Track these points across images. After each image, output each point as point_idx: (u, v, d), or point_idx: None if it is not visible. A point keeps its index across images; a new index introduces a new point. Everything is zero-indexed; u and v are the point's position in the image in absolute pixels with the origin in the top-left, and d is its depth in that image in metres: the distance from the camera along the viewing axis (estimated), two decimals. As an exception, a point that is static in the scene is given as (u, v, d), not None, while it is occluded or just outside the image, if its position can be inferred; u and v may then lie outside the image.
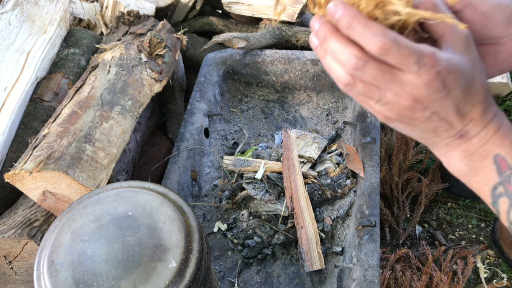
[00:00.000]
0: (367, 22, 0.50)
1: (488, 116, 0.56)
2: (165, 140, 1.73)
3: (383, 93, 0.53)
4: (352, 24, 0.50)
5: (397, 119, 0.56)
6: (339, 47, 0.52)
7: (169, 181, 1.32)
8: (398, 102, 0.53)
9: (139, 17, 1.56)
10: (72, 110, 1.20)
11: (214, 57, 1.70)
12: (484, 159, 0.57)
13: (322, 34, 0.54)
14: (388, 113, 0.55)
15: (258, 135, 1.63)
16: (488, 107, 0.56)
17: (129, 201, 0.84)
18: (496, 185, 0.57)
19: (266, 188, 1.30)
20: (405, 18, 0.52)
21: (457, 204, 1.64)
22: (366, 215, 1.19)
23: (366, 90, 0.54)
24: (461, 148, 0.57)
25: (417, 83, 0.51)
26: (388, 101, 0.54)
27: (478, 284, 1.43)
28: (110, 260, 0.76)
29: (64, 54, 1.54)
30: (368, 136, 1.36)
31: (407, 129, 0.58)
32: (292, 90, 1.73)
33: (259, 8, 1.80)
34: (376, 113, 0.57)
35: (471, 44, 0.55)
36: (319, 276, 1.22)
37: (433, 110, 0.54)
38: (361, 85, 0.53)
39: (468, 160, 0.58)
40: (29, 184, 1.07)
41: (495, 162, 0.56)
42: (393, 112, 0.55)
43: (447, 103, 0.53)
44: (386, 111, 0.55)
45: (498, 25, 0.61)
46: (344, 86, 0.55)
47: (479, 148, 0.56)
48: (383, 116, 0.57)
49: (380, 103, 0.55)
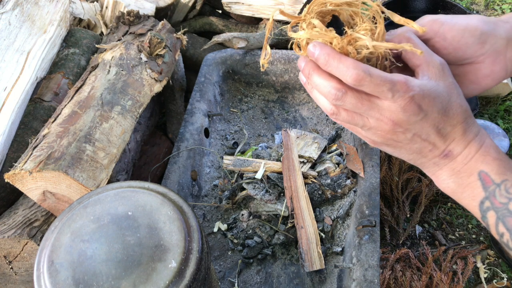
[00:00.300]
0: (340, 57, 0.56)
1: (470, 136, 0.60)
2: (165, 140, 1.73)
3: (365, 119, 0.58)
4: (328, 61, 0.56)
5: (383, 143, 0.61)
6: (321, 81, 0.58)
7: (169, 181, 1.32)
8: (380, 127, 0.58)
9: (139, 17, 1.56)
10: (72, 110, 1.20)
11: (214, 57, 1.70)
12: (469, 175, 0.60)
13: (307, 71, 0.60)
14: (373, 137, 0.60)
15: (258, 135, 1.63)
16: (469, 127, 0.60)
17: (129, 201, 0.84)
18: (483, 199, 0.60)
19: (266, 188, 1.30)
20: (373, 50, 0.57)
21: (457, 204, 1.64)
22: (366, 215, 1.19)
23: (350, 117, 0.59)
24: (448, 167, 0.61)
25: (393, 108, 0.56)
26: (371, 126, 0.58)
27: (478, 284, 1.43)
28: (110, 260, 0.76)
29: (64, 54, 1.54)
30: (368, 136, 1.36)
31: (395, 151, 0.62)
32: (292, 90, 1.73)
33: (259, 8, 1.80)
34: (365, 138, 0.62)
35: (445, 71, 0.60)
36: (319, 276, 1.22)
37: (414, 132, 0.58)
38: (345, 113, 0.59)
39: (455, 178, 0.61)
40: (29, 184, 1.07)
41: (479, 178, 0.59)
42: (378, 136, 0.60)
43: (425, 124, 0.57)
44: (372, 136, 0.60)
45: (470, 46, 0.65)
46: (330, 115, 0.61)
47: (464, 165, 0.60)
48: (371, 141, 0.62)
49: (364, 128, 0.60)
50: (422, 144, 0.59)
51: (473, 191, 0.60)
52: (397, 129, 0.57)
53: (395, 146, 0.60)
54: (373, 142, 0.62)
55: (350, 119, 0.59)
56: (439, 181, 0.63)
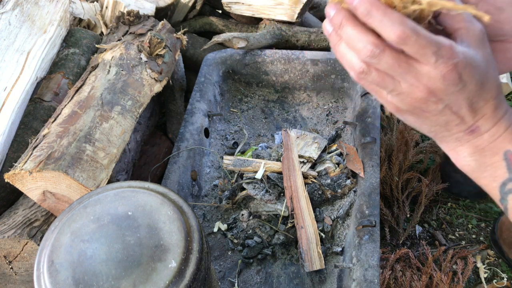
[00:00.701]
0: (386, 9, 0.49)
1: (500, 113, 0.56)
2: (165, 140, 1.73)
3: (397, 84, 0.52)
4: (371, 11, 0.49)
5: (408, 111, 0.55)
6: (355, 34, 0.51)
7: (169, 181, 1.32)
8: (412, 94, 0.52)
9: (139, 17, 1.56)
10: (72, 110, 1.20)
11: (214, 57, 1.70)
12: (494, 155, 0.56)
13: (338, 20, 0.53)
14: (400, 104, 0.55)
15: (258, 135, 1.63)
16: (500, 104, 0.56)
17: (129, 201, 0.84)
18: (505, 181, 0.57)
19: (266, 188, 1.30)
20: (425, 8, 0.51)
21: (457, 204, 1.64)
22: (366, 215, 1.19)
23: (380, 79, 0.53)
24: (471, 143, 0.57)
25: (433, 75, 0.50)
26: (402, 92, 0.53)
27: (478, 284, 1.43)
28: (110, 260, 0.76)
29: (64, 54, 1.54)
30: (368, 136, 1.36)
31: (418, 121, 0.57)
32: (292, 90, 1.73)
33: (259, 8, 1.80)
34: (387, 103, 0.56)
35: (485, 39, 0.55)
36: (319, 276, 1.22)
37: (446, 103, 0.53)
38: (375, 74, 0.53)
39: (478, 156, 0.57)
40: (29, 184, 1.07)
41: (505, 159, 0.56)
42: (405, 103, 0.54)
43: (461, 97, 0.53)
44: (398, 102, 0.55)
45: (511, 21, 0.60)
46: (357, 74, 0.54)
47: (489, 144, 0.56)
48: (394, 107, 0.56)
49: (393, 93, 0.54)
50: (450, 117, 0.55)
51: (496, 172, 0.57)
52: (431, 98, 0.52)
53: (420, 116, 0.55)
54: (397, 109, 0.56)
55: (380, 80, 0.53)
56: (459, 157, 0.59)
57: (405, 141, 1.65)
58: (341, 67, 1.64)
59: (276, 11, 1.77)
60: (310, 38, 1.77)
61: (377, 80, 0.53)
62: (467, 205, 1.64)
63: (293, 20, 1.76)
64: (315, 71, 1.67)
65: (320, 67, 1.66)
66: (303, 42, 1.78)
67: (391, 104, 0.56)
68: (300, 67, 1.67)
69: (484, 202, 1.64)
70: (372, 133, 1.37)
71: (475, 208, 1.63)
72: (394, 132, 1.70)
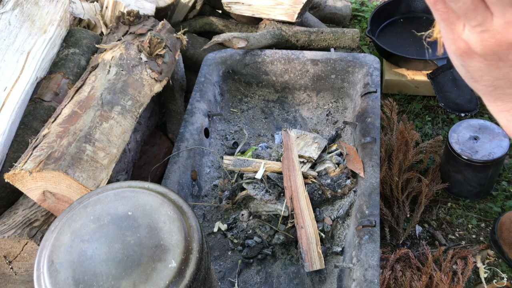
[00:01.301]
0: None
1: None
2: (165, 140, 1.73)
3: (489, 16, 0.42)
4: None
5: (482, 55, 0.45)
6: None
7: (169, 181, 1.32)
8: (504, 34, 0.42)
9: (139, 17, 1.56)
10: (72, 110, 1.20)
11: (214, 57, 1.70)
12: None
13: None
14: (478, 44, 0.44)
15: (258, 135, 1.63)
16: None
17: (129, 201, 0.84)
18: None
19: (266, 188, 1.30)
20: None
21: (457, 204, 1.64)
22: (366, 215, 1.19)
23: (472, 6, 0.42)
24: None
25: None
26: (490, 29, 0.42)
27: (478, 284, 1.43)
28: (110, 260, 0.76)
29: (64, 54, 1.54)
30: (368, 136, 1.36)
31: (484, 70, 0.47)
32: (292, 90, 1.73)
33: (259, 8, 1.80)
34: (458, 40, 0.45)
35: None
36: (319, 276, 1.22)
37: None
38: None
39: None
40: (29, 184, 1.07)
41: None
42: (487, 44, 0.43)
43: None
44: (477, 42, 0.44)
45: None
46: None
47: None
48: (464, 47, 0.45)
49: (477, 28, 0.43)
50: None
51: None
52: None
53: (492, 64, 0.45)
54: (466, 51, 0.46)
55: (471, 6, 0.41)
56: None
57: (405, 141, 1.65)
58: (341, 67, 1.64)
59: (276, 11, 1.77)
60: (310, 38, 1.77)
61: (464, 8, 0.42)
62: (467, 205, 1.64)
63: (293, 20, 1.76)
64: (315, 71, 1.67)
65: (320, 67, 1.66)
66: (303, 42, 1.78)
67: (461, 43, 0.45)
68: (300, 67, 1.67)
69: (484, 202, 1.64)
70: (372, 133, 1.37)
71: (475, 208, 1.63)
72: (394, 132, 1.70)
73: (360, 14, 2.48)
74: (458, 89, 1.79)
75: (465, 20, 0.43)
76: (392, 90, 1.99)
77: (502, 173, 1.71)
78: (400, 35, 2.09)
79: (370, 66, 1.59)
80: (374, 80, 1.54)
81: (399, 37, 2.07)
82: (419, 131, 1.87)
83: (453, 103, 1.77)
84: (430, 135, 1.86)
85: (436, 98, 1.91)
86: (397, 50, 1.90)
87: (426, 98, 1.98)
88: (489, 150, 1.48)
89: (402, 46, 1.99)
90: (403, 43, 2.02)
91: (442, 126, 1.89)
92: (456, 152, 1.50)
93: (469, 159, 1.48)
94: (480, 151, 1.48)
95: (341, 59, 1.64)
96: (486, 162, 1.47)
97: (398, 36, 2.09)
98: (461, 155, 1.49)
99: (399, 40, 2.05)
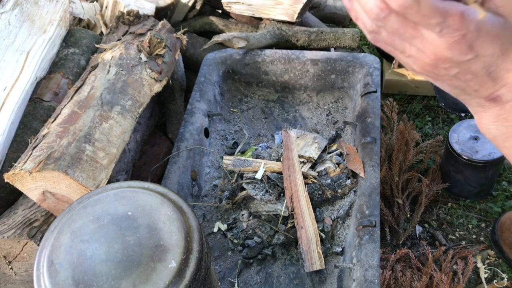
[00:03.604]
0: None
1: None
2: (165, 140, 1.73)
3: (406, 46, 0.52)
4: None
5: (423, 73, 0.55)
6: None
7: (169, 181, 1.31)
8: (421, 58, 0.52)
9: (139, 17, 1.56)
10: (71, 110, 1.19)
11: (214, 57, 1.70)
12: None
13: None
14: (413, 65, 0.54)
15: (258, 135, 1.63)
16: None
17: (129, 201, 0.84)
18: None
19: (266, 188, 1.30)
20: None
21: (457, 204, 1.64)
22: (366, 215, 1.19)
23: (390, 40, 0.53)
24: (493, 111, 0.55)
25: (439, 43, 0.49)
26: (412, 55, 0.52)
27: (479, 284, 1.43)
28: (110, 260, 0.76)
29: (64, 54, 1.54)
30: (368, 136, 1.36)
31: (437, 83, 0.56)
32: (292, 90, 1.73)
33: (259, 8, 1.80)
34: (404, 63, 0.56)
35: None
36: (319, 276, 1.22)
37: (458, 70, 0.51)
38: (385, 34, 0.52)
39: (499, 125, 0.55)
40: (29, 184, 1.07)
41: None
42: (417, 66, 0.53)
43: (474, 66, 0.50)
44: (412, 64, 0.54)
45: None
46: (369, 33, 0.54)
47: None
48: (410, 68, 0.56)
49: (404, 55, 0.53)
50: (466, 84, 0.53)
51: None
52: (440, 65, 0.51)
53: (436, 79, 0.55)
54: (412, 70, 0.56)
55: (390, 41, 0.53)
56: (481, 124, 0.57)
57: (405, 141, 1.64)
58: (341, 67, 1.64)
59: (276, 11, 1.77)
60: (310, 38, 1.77)
61: (387, 40, 0.53)
62: (467, 205, 1.64)
63: (293, 20, 1.76)
64: (315, 71, 1.67)
65: (320, 67, 1.66)
66: (303, 42, 1.78)
67: (406, 64, 0.55)
68: (300, 67, 1.67)
69: (484, 202, 1.64)
70: (372, 133, 1.37)
71: (475, 208, 1.63)
72: (394, 132, 1.70)
73: (360, 14, 2.48)
74: (458, 89, 1.79)
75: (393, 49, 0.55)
76: (392, 90, 1.99)
77: (502, 173, 1.71)
78: (400, 35, 2.09)
79: (370, 66, 1.59)
80: (374, 80, 1.54)
81: (399, 37, 2.07)
82: (419, 131, 1.87)
83: (453, 103, 1.77)
84: (430, 135, 1.86)
85: (436, 98, 1.91)
86: (397, 50, 1.90)
87: (426, 98, 1.98)
88: (489, 150, 1.48)
89: (402, 46, 1.98)
90: (403, 43, 2.02)
91: (442, 126, 1.89)
92: (456, 152, 1.50)
93: (469, 159, 1.48)
94: (480, 151, 1.48)
95: (341, 59, 1.64)
96: (486, 162, 1.47)
97: (398, 36, 2.08)
98: (461, 155, 1.49)
99: (399, 40, 2.04)
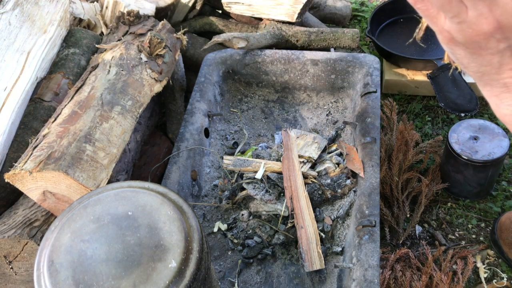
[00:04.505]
0: None
1: None
2: (165, 140, 1.73)
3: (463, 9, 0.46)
4: None
5: (463, 44, 0.49)
6: None
7: (169, 181, 1.32)
8: (478, 25, 0.46)
9: (139, 17, 1.56)
10: (72, 110, 1.20)
11: (214, 57, 1.70)
12: None
13: None
14: (457, 34, 0.48)
15: (258, 135, 1.63)
16: None
17: (129, 201, 0.84)
18: None
19: (266, 188, 1.30)
20: None
21: (457, 204, 1.64)
22: (366, 215, 1.19)
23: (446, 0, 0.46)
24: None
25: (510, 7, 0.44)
26: (466, 20, 0.46)
27: (478, 284, 1.43)
28: (110, 260, 0.76)
29: (64, 54, 1.54)
30: (368, 136, 1.36)
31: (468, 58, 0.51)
32: (292, 90, 1.73)
33: (259, 8, 1.80)
34: (441, 31, 0.50)
35: None
36: (319, 276, 1.22)
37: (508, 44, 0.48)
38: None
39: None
40: (29, 184, 1.07)
41: None
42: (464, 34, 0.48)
43: None
44: (457, 32, 0.48)
45: None
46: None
47: None
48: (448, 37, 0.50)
49: (454, 20, 0.47)
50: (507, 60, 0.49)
51: None
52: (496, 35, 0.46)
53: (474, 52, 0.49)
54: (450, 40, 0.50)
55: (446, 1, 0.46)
56: (501, 104, 0.54)
57: (405, 141, 1.65)
58: (341, 67, 1.64)
59: (276, 11, 1.77)
60: (310, 38, 1.77)
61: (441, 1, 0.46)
62: (467, 205, 1.64)
63: (293, 20, 1.76)
64: (315, 71, 1.67)
65: (320, 67, 1.66)
66: (303, 42, 1.78)
67: (445, 33, 0.49)
68: (300, 67, 1.67)
69: (484, 202, 1.64)
70: (372, 133, 1.37)
71: (475, 208, 1.63)
72: (394, 132, 1.70)
73: (360, 14, 2.48)
74: (458, 89, 1.79)
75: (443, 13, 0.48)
76: (392, 90, 1.99)
77: (502, 173, 1.71)
78: (400, 35, 2.09)
79: (370, 66, 1.59)
80: (374, 80, 1.54)
81: (399, 37, 2.07)
82: (419, 131, 1.87)
83: (453, 103, 1.77)
84: (430, 135, 1.86)
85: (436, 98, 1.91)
86: (397, 50, 1.90)
87: (426, 98, 1.98)
88: (489, 150, 1.48)
89: (402, 46, 1.99)
90: (403, 43, 2.02)
91: (442, 126, 1.89)
92: (456, 152, 1.50)
93: (469, 159, 1.48)
94: (480, 151, 1.48)
95: (341, 59, 1.64)
96: (486, 162, 1.47)
97: (398, 36, 2.09)
98: (461, 155, 1.49)
99: (399, 40, 2.05)
